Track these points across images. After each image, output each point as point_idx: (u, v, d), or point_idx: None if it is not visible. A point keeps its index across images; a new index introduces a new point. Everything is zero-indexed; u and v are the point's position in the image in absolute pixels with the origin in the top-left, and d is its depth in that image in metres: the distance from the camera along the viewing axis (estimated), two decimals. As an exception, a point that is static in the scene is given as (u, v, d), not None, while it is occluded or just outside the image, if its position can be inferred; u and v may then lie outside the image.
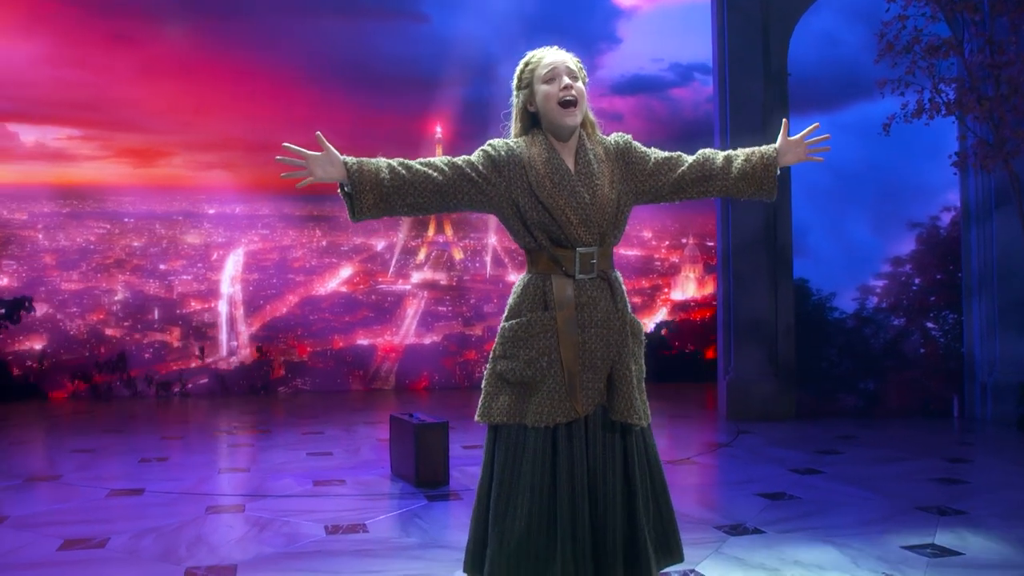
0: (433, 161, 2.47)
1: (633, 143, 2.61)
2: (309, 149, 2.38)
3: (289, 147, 2.37)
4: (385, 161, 2.43)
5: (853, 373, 7.96)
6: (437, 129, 10.46)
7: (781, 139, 2.67)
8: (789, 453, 6.09)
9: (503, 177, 2.48)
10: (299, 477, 5.44)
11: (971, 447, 6.48)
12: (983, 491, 4.93)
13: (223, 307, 10.21)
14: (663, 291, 11.08)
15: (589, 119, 2.59)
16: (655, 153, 2.60)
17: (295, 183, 2.42)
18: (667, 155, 2.61)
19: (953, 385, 7.75)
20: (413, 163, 2.45)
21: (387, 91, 10.26)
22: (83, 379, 9.68)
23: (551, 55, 2.56)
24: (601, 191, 2.47)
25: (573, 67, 2.54)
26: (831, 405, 7.87)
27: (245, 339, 10.17)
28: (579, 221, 2.44)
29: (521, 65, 2.59)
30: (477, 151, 2.52)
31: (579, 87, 2.51)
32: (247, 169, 10.20)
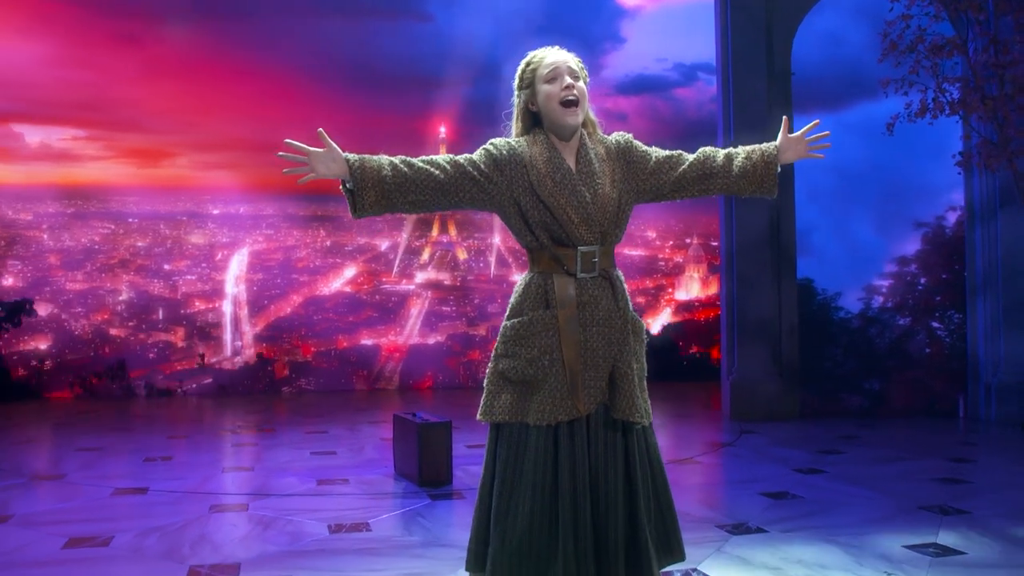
0: (435, 159, 2.47)
1: (634, 142, 2.61)
2: (311, 146, 2.38)
3: (291, 143, 2.37)
4: (387, 158, 2.43)
5: (857, 373, 7.94)
6: (441, 129, 10.47)
7: (781, 136, 2.67)
8: (792, 453, 6.09)
9: (504, 176, 2.48)
10: (303, 476, 5.45)
11: (974, 447, 6.46)
12: (986, 491, 4.93)
13: (227, 307, 10.23)
14: (667, 291, 11.08)
15: (590, 119, 2.60)
16: (656, 152, 2.61)
17: (297, 180, 2.42)
18: (668, 154, 2.61)
19: (957, 385, 7.74)
20: (415, 161, 2.46)
21: (391, 91, 10.27)
22: (87, 379, 9.70)
23: (553, 55, 2.56)
24: (602, 190, 2.48)
25: (574, 67, 2.54)
26: (835, 405, 7.86)
27: (249, 339, 10.19)
28: (580, 220, 2.44)
29: (523, 65, 2.60)
30: (479, 150, 2.53)
31: (580, 87, 2.52)
32: (251, 169, 10.22)
